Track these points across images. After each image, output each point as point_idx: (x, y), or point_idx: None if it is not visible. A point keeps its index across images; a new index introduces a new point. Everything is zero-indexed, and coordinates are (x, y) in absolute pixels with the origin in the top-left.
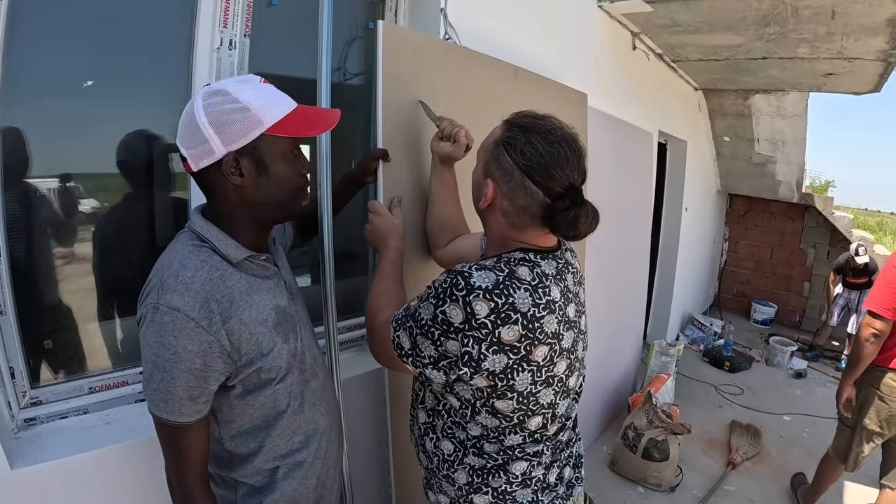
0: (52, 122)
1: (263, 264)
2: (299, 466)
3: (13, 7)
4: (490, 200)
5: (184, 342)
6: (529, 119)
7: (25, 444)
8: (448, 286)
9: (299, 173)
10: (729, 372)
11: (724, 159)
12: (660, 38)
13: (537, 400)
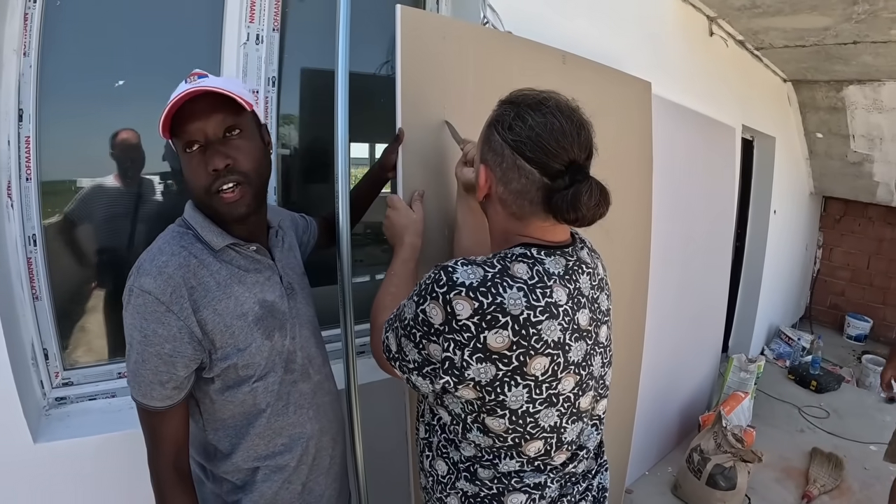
0: (88, 124)
1: (252, 255)
2: (281, 470)
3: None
4: (485, 189)
5: (154, 325)
6: (521, 94)
7: (54, 421)
8: (430, 282)
9: (204, 170)
10: (815, 392)
11: (818, 158)
12: (738, 22)
13: (536, 422)
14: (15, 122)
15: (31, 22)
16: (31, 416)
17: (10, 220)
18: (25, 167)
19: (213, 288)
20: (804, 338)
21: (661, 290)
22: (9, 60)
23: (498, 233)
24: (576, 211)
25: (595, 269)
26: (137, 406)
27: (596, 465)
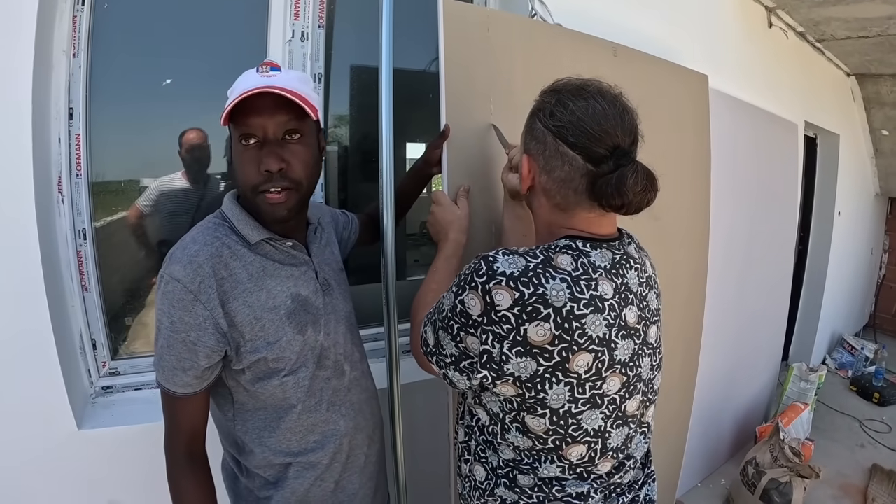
0: (136, 123)
1: (289, 250)
2: (313, 467)
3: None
4: (529, 180)
5: (181, 313)
6: (562, 82)
7: (99, 409)
8: (469, 272)
9: (255, 168)
10: (878, 405)
11: (884, 156)
12: (798, 12)
13: (579, 424)
14: (65, 121)
15: (79, 24)
16: (77, 404)
17: (61, 214)
18: (76, 164)
19: (244, 280)
20: (868, 347)
21: (720, 292)
22: (59, 61)
23: (542, 226)
24: (622, 196)
25: (643, 266)
26: (160, 389)
27: (643, 475)
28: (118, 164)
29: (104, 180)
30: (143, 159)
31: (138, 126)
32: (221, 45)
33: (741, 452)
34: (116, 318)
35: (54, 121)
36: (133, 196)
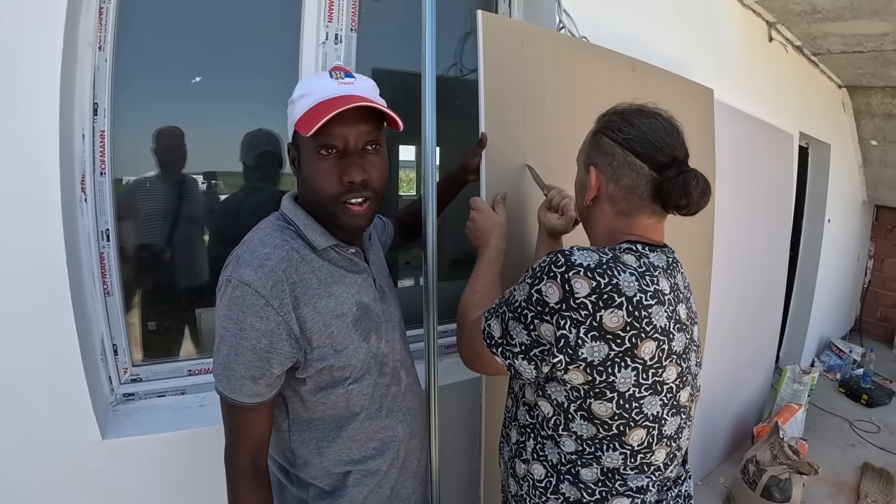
0: (162, 121)
1: (352, 258)
2: (373, 474)
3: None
4: (595, 190)
5: (251, 319)
6: (623, 106)
7: (121, 417)
8: (546, 264)
9: (337, 180)
10: (866, 406)
11: (871, 166)
12: (798, 27)
13: (640, 408)
14: (90, 117)
15: (105, 16)
16: (99, 412)
17: (84, 214)
18: (100, 161)
19: (314, 285)
20: (855, 350)
21: (722, 297)
22: (84, 54)
23: (603, 233)
24: (687, 195)
25: (684, 275)
26: (222, 400)
27: (683, 471)
28: (144, 163)
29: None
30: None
31: (167, 124)
32: (253, 44)
33: (738, 452)
34: (139, 322)
35: (78, 116)
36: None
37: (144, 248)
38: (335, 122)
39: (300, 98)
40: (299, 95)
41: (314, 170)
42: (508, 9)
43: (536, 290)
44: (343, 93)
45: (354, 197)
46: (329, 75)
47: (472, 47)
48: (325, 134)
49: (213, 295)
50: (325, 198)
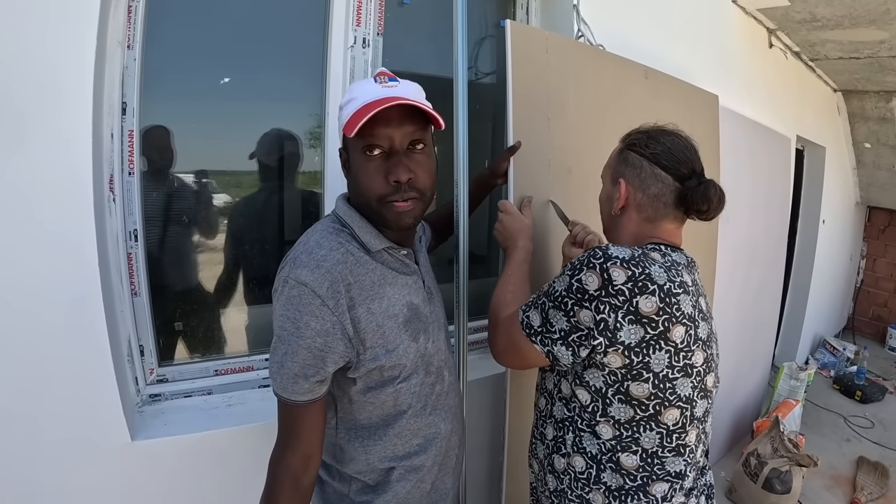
0: (191, 120)
1: (403, 259)
2: (416, 470)
3: (152, 8)
4: (624, 199)
5: (307, 318)
6: (645, 127)
7: (148, 419)
8: (586, 258)
9: (383, 180)
10: (860, 402)
11: (865, 168)
12: (798, 34)
13: (674, 389)
14: (119, 116)
15: (134, 14)
16: (127, 414)
17: (112, 214)
18: (129, 161)
19: (367, 287)
20: (848, 348)
21: (724, 298)
22: (113, 52)
23: (629, 238)
24: (708, 202)
25: (699, 274)
26: (279, 399)
27: (706, 461)
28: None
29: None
30: (198, 158)
31: (195, 125)
32: (282, 46)
33: (737, 447)
34: (165, 322)
35: (107, 115)
36: None
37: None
38: (379, 122)
39: (347, 103)
40: (347, 100)
41: (361, 170)
42: (526, 16)
43: (577, 280)
44: (385, 95)
45: (402, 197)
46: (374, 80)
47: (486, 52)
48: (369, 135)
49: (235, 294)
50: (372, 198)
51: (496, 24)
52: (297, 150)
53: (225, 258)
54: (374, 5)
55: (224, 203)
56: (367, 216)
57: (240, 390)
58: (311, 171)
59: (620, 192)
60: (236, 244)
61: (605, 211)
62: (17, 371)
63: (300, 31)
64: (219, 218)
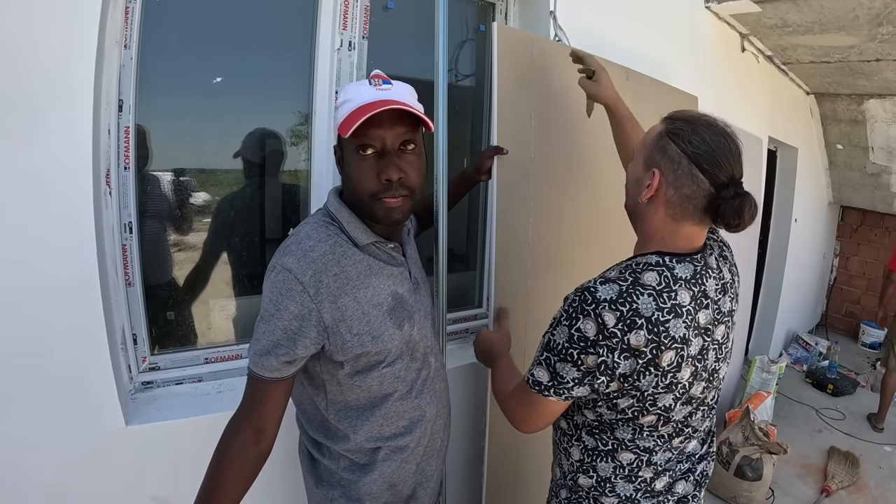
0: (182, 118)
1: (391, 252)
2: (401, 451)
3: (147, 11)
4: (654, 191)
5: (287, 301)
6: (691, 114)
7: (141, 405)
8: (578, 304)
9: (375, 177)
10: (832, 395)
11: (837, 168)
12: (769, 39)
13: (655, 401)
14: (115, 112)
15: (131, 15)
16: (121, 400)
17: (108, 207)
18: (124, 156)
19: (354, 277)
20: (821, 343)
21: None
22: (111, 51)
23: (649, 233)
24: (740, 217)
25: (720, 273)
26: (249, 374)
27: (703, 450)
28: (164, 158)
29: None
30: (190, 155)
31: (187, 122)
32: (271, 48)
33: None
34: (158, 312)
35: (104, 112)
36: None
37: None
38: (372, 124)
39: (343, 104)
40: (342, 101)
41: (355, 168)
42: (505, 21)
43: (576, 330)
44: (379, 98)
45: (392, 195)
46: (369, 82)
47: (466, 55)
48: (363, 135)
49: (224, 286)
50: (364, 195)
51: (476, 28)
52: (283, 149)
53: (214, 251)
54: (359, 10)
55: (208, 199)
56: (358, 211)
57: (229, 377)
58: (298, 169)
59: (653, 182)
60: (226, 237)
61: (631, 194)
62: (17, 360)
63: (289, 34)
64: (207, 213)
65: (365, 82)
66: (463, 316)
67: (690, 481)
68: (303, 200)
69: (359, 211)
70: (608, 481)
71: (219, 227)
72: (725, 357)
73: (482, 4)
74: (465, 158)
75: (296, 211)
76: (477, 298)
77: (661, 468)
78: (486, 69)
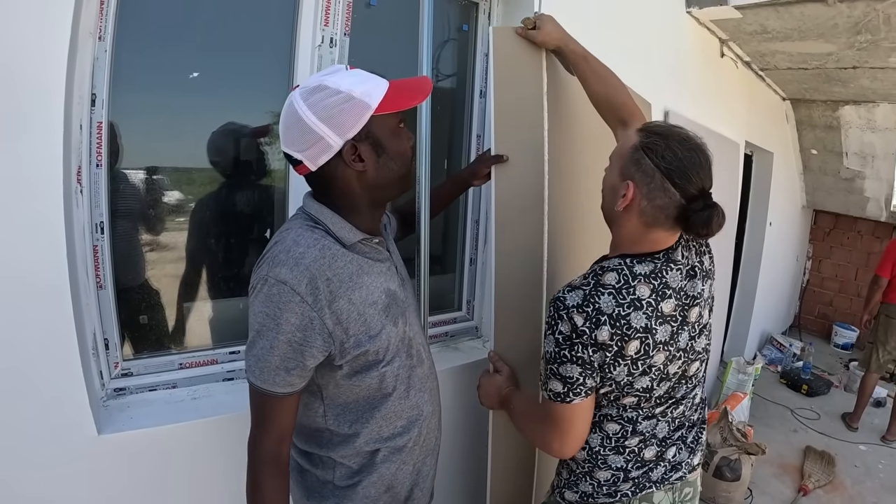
0: (157, 114)
1: (376, 247)
2: (399, 451)
3: (123, 2)
4: (629, 201)
5: (287, 314)
6: (664, 127)
7: (114, 412)
8: (552, 313)
9: (409, 144)
10: (806, 396)
11: (812, 173)
12: (749, 45)
13: (632, 385)
14: (88, 107)
15: (106, 6)
16: (93, 408)
17: (79, 206)
18: (96, 153)
19: (346, 279)
20: (795, 345)
21: None
22: (84, 43)
23: (623, 239)
24: (708, 227)
25: (688, 261)
26: (255, 390)
27: (697, 416)
28: (138, 156)
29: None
30: (164, 153)
31: (162, 118)
32: (250, 43)
33: None
34: (130, 316)
35: (76, 106)
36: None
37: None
38: (414, 98)
39: (364, 90)
40: (360, 90)
41: (398, 144)
42: (488, 21)
43: (558, 333)
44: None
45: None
46: (356, 70)
47: (448, 55)
48: (403, 110)
49: (199, 289)
50: (406, 161)
51: (458, 27)
52: (260, 147)
53: (189, 252)
54: (342, 6)
55: (182, 199)
56: (345, 209)
57: (204, 383)
58: (275, 168)
59: (627, 193)
60: (201, 239)
61: (607, 201)
62: None
63: (269, 29)
64: (182, 212)
65: (354, 71)
66: (443, 319)
67: (684, 449)
68: (279, 200)
69: (347, 208)
70: (598, 454)
71: (193, 228)
72: (702, 332)
73: (465, 4)
74: (444, 159)
75: (271, 212)
76: (456, 301)
77: (649, 436)
78: (469, 69)
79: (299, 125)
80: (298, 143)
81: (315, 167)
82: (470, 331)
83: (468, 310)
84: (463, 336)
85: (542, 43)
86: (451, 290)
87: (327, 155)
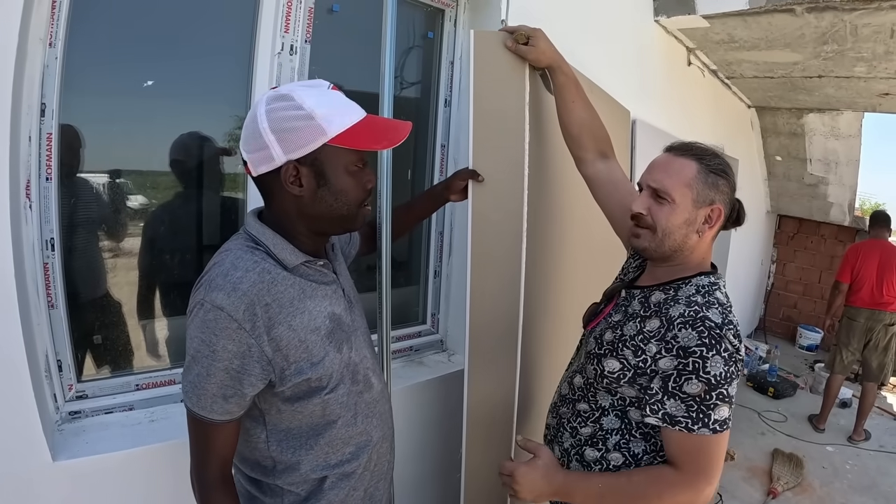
0: (112, 121)
1: (321, 270)
2: (348, 477)
3: (76, 6)
4: (714, 223)
5: (224, 342)
6: (705, 147)
7: (69, 437)
8: (719, 338)
9: (363, 188)
10: (773, 398)
11: (776, 179)
12: (716, 53)
13: None
14: (37, 117)
15: (58, 11)
16: (47, 433)
17: (28, 222)
18: (46, 166)
19: (286, 304)
20: (761, 347)
21: None
22: (34, 49)
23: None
24: (741, 221)
25: None
26: (192, 416)
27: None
28: (89, 165)
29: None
30: (118, 162)
31: (115, 127)
32: (207, 50)
33: None
34: (84, 336)
35: (25, 117)
36: None
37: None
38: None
39: (328, 114)
40: (323, 112)
41: (345, 182)
42: (454, 28)
43: (724, 351)
44: (361, 114)
45: (370, 202)
46: (336, 92)
47: (412, 62)
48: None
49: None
50: (353, 205)
51: (423, 35)
52: (216, 155)
53: (144, 267)
54: (303, 12)
55: (139, 205)
56: (285, 230)
57: (162, 405)
58: (231, 176)
59: (713, 216)
60: (157, 253)
61: (681, 233)
62: None
63: (228, 34)
64: (136, 224)
65: (338, 93)
66: (407, 333)
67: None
68: (240, 210)
69: (290, 230)
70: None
71: (147, 242)
72: None
73: (430, 10)
74: (408, 171)
75: (231, 223)
76: (421, 314)
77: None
78: (434, 78)
79: (252, 126)
80: (249, 143)
81: (255, 173)
82: (435, 344)
83: (433, 323)
84: (428, 350)
85: (535, 61)
86: (416, 302)
87: (267, 166)
